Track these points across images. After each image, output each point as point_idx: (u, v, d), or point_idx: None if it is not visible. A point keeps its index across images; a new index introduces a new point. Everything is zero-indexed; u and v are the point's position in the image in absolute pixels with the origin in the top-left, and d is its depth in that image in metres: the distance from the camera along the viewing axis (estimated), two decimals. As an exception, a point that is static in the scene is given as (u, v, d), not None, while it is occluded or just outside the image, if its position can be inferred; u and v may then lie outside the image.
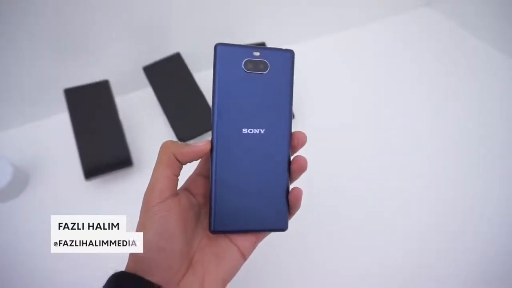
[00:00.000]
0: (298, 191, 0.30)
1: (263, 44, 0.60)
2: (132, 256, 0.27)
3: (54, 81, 0.56)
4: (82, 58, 0.57)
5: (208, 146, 0.29)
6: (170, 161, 0.28)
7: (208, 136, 0.56)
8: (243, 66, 0.29)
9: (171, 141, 0.29)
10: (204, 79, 0.59)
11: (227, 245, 0.29)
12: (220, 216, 0.28)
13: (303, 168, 0.30)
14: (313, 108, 0.61)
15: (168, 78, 0.56)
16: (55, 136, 0.57)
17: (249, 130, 0.29)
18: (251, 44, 0.60)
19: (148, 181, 0.28)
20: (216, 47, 0.29)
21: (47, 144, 0.56)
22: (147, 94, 0.60)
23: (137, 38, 0.59)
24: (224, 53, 0.29)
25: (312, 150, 0.55)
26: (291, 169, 0.30)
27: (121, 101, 0.56)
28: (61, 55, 0.56)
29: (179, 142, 0.29)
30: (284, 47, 0.30)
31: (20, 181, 0.51)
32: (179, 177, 0.29)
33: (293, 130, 0.31)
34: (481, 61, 0.70)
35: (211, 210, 0.29)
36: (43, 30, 0.52)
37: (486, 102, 0.62)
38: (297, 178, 0.31)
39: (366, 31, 0.76)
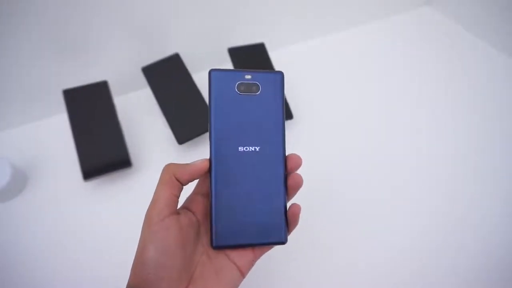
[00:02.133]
0: (296, 208, 0.31)
1: (262, 44, 0.60)
2: (134, 271, 0.28)
3: (54, 82, 0.56)
4: (81, 59, 0.57)
5: (206, 164, 0.30)
6: (171, 181, 0.29)
7: (206, 137, 0.57)
8: (236, 89, 0.31)
9: (173, 163, 0.31)
10: (203, 79, 0.59)
11: (226, 263, 0.31)
12: (221, 232, 0.30)
13: (298, 185, 0.31)
14: (312, 108, 0.61)
15: (167, 78, 0.56)
16: (54, 136, 0.57)
17: (244, 148, 0.30)
18: (250, 45, 0.60)
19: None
20: (210, 73, 0.31)
21: (46, 145, 0.57)
22: (146, 95, 0.60)
23: (136, 39, 0.59)
24: (218, 78, 0.31)
25: (312, 151, 0.55)
26: (288, 186, 0.31)
27: (120, 102, 0.56)
28: (61, 56, 0.56)
29: (180, 163, 0.30)
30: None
31: (19, 181, 0.51)
32: (179, 198, 0.30)
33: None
34: (481, 60, 0.70)
35: (212, 226, 0.30)
36: (43, 31, 0.52)
37: (486, 101, 0.62)
38: (294, 194, 0.32)
39: (365, 31, 0.76)
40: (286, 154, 0.32)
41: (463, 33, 0.75)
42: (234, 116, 0.31)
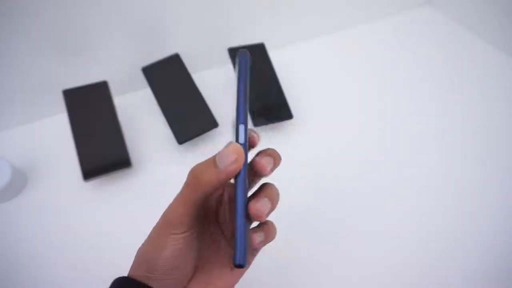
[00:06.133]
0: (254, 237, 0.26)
1: (262, 44, 0.60)
2: (141, 264, 0.27)
3: (53, 82, 0.56)
4: (81, 59, 0.57)
5: (242, 155, 0.23)
6: (200, 200, 0.25)
7: (207, 137, 0.56)
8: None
9: (206, 173, 0.23)
10: (202, 79, 0.59)
11: (228, 250, 0.30)
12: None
13: (260, 212, 0.25)
14: (312, 108, 0.61)
15: (167, 78, 0.56)
16: (54, 136, 0.57)
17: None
18: (250, 45, 0.60)
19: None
20: (239, 53, 0.27)
21: (46, 145, 0.56)
22: (146, 95, 0.60)
23: (136, 39, 0.59)
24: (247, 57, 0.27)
25: (312, 151, 0.55)
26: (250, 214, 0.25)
27: (120, 102, 0.56)
28: (61, 56, 0.56)
29: (215, 170, 0.23)
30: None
31: (18, 182, 0.51)
32: None
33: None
34: (481, 59, 0.70)
35: (239, 244, 0.24)
36: (43, 31, 0.52)
37: (487, 101, 0.62)
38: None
39: (366, 31, 0.76)
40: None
41: (464, 32, 0.75)
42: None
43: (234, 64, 0.25)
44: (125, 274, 0.27)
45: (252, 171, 0.26)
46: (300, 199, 0.48)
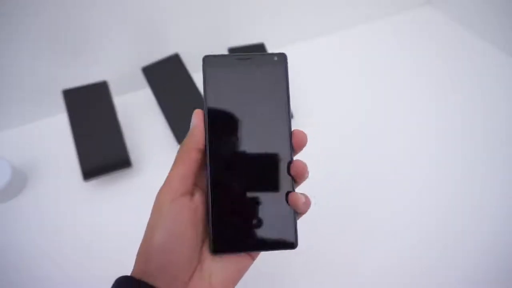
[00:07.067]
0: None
1: (262, 45, 0.60)
2: (140, 257, 0.26)
3: (53, 82, 0.56)
4: (81, 59, 0.57)
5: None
6: (187, 155, 0.27)
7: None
8: None
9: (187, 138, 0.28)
10: (202, 79, 0.58)
11: None
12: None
13: (302, 171, 0.29)
14: (312, 109, 0.61)
15: (167, 78, 0.56)
16: (53, 136, 0.57)
17: None
18: (250, 45, 0.60)
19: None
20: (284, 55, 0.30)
21: (46, 145, 0.57)
22: (146, 95, 0.60)
23: (136, 39, 0.59)
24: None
25: (312, 151, 0.55)
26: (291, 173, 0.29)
27: (119, 102, 0.56)
28: (60, 56, 0.56)
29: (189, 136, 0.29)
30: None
31: (18, 182, 0.51)
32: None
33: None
34: (482, 60, 0.70)
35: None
36: (42, 31, 0.52)
37: (488, 101, 0.62)
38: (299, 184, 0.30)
39: (366, 31, 0.76)
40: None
41: (464, 32, 0.75)
42: None
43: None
44: (125, 273, 0.27)
45: None
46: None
